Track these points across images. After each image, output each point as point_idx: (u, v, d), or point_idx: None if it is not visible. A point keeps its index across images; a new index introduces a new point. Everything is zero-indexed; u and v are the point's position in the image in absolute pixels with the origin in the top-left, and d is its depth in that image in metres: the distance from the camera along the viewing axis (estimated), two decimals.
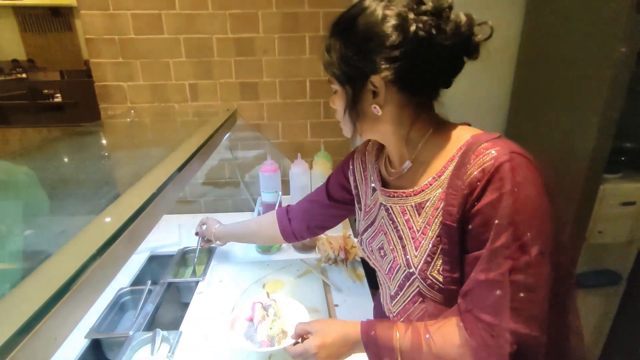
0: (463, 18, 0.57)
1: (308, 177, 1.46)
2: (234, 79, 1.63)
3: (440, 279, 0.61)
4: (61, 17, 6.15)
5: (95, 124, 1.36)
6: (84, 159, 1.03)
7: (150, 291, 1.14)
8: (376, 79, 0.59)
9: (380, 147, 0.79)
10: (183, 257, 1.37)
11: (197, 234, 1.26)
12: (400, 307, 0.71)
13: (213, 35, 1.56)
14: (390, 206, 0.70)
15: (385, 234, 0.72)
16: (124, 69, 1.57)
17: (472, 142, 0.59)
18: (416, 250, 0.64)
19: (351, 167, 0.88)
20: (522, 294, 0.52)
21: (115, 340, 0.99)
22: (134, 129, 1.37)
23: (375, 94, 0.61)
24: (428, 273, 0.62)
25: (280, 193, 1.46)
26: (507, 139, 0.58)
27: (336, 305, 1.08)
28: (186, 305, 1.10)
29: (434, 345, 0.57)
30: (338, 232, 1.44)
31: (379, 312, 0.82)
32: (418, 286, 0.64)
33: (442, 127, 0.65)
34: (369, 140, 0.84)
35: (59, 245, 0.51)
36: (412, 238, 0.65)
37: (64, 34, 6.14)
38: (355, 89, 0.62)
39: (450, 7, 0.57)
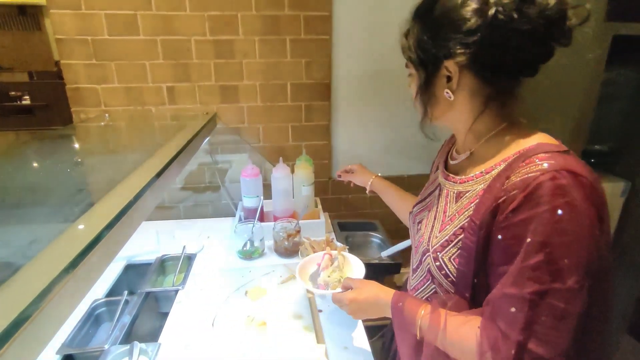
0: (551, 1, 0.53)
1: (290, 181, 1.44)
2: (213, 81, 1.60)
3: (450, 266, 0.64)
4: (29, 16, 5.88)
5: (67, 127, 1.30)
6: (56, 164, 0.98)
7: (127, 302, 1.09)
8: (450, 64, 0.59)
9: None
10: (162, 265, 1.32)
11: (339, 176, 1.25)
12: (417, 282, 0.75)
13: (191, 37, 1.53)
14: (441, 187, 0.73)
15: (428, 211, 0.75)
16: (98, 70, 1.51)
17: (532, 149, 0.57)
18: (439, 232, 0.67)
19: (439, 152, 0.89)
20: (544, 318, 0.51)
21: (89, 355, 0.95)
22: (108, 133, 1.32)
23: (449, 78, 0.61)
24: (440, 255, 0.65)
25: (261, 198, 1.44)
26: (572, 156, 0.55)
27: (320, 311, 1.07)
28: (165, 315, 1.06)
29: (448, 336, 0.60)
30: (322, 236, 1.43)
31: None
32: (429, 264, 0.68)
33: (515, 127, 0.63)
34: None
35: (28, 257, 0.48)
36: (442, 221, 0.68)
37: (32, 34, 5.87)
38: (428, 73, 0.63)
39: None
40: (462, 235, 0.61)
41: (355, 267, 1.01)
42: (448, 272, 0.64)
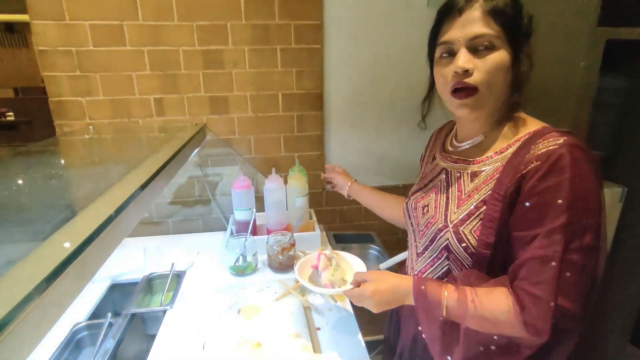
0: None
1: (283, 192, 1.39)
2: (202, 92, 1.56)
3: (470, 238, 0.67)
4: (16, 33, 5.83)
5: (46, 142, 1.24)
6: (31, 179, 0.92)
7: (110, 324, 1.02)
8: (528, 48, 0.66)
9: (449, 127, 0.88)
10: (149, 284, 1.25)
11: (327, 182, 1.29)
12: (425, 264, 0.77)
13: (179, 47, 1.49)
14: (451, 170, 0.76)
15: (436, 194, 0.78)
16: (82, 82, 1.46)
17: (542, 130, 0.64)
18: (457, 208, 0.71)
19: (428, 144, 0.94)
20: (568, 274, 0.57)
21: None
22: (91, 146, 1.26)
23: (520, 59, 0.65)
24: (460, 229, 0.68)
25: (254, 210, 1.39)
26: (576, 136, 0.62)
27: (318, 329, 1.01)
28: (153, 337, 0.99)
29: (480, 306, 0.62)
30: (316, 248, 1.38)
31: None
32: (447, 239, 0.70)
33: (518, 116, 0.70)
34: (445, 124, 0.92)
35: None
36: (458, 199, 0.71)
37: (19, 50, 5.80)
38: (521, 47, 0.65)
39: None
40: (485, 207, 0.65)
41: (354, 263, 0.99)
42: (468, 244, 0.67)
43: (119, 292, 1.24)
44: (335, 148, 1.76)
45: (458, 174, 0.74)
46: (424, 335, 0.73)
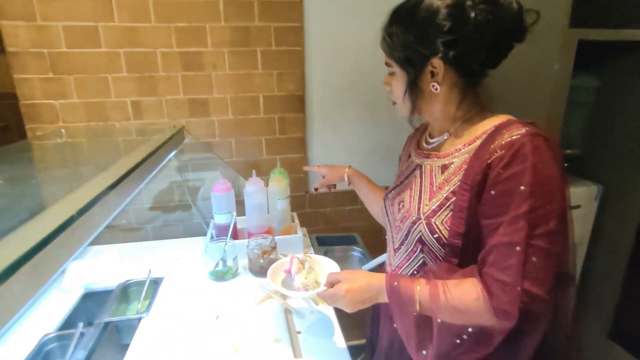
0: (515, 5, 0.64)
1: (264, 195, 1.37)
2: (181, 95, 1.54)
3: (442, 228, 0.68)
4: None
5: (10, 146, 1.19)
6: None
7: (82, 334, 0.98)
8: (436, 61, 0.67)
9: (424, 127, 0.91)
10: (124, 292, 1.21)
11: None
12: (402, 259, 0.79)
13: (157, 49, 1.47)
14: (423, 165, 0.79)
15: (410, 190, 0.80)
16: (55, 85, 1.42)
17: (507, 122, 0.67)
18: (429, 200, 0.73)
19: (405, 145, 0.97)
20: (534, 259, 0.58)
21: None
22: (61, 150, 1.22)
23: (433, 74, 0.69)
24: (432, 220, 0.70)
25: (234, 214, 1.36)
26: (538, 126, 0.65)
27: (299, 333, 0.99)
28: (127, 347, 0.96)
29: (451, 297, 0.63)
30: (299, 252, 1.36)
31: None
32: (421, 231, 0.72)
33: (484, 111, 0.73)
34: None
35: None
36: (430, 191, 0.73)
37: None
38: (416, 70, 0.69)
39: None
40: (454, 198, 0.68)
41: (327, 265, 0.98)
42: (440, 235, 0.69)
43: (92, 301, 1.20)
44: (318, 150, 1.75)
45: (430, 168, 0.77)
46: (399, 332, 0.73)
